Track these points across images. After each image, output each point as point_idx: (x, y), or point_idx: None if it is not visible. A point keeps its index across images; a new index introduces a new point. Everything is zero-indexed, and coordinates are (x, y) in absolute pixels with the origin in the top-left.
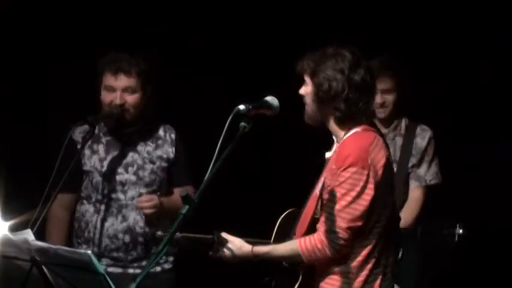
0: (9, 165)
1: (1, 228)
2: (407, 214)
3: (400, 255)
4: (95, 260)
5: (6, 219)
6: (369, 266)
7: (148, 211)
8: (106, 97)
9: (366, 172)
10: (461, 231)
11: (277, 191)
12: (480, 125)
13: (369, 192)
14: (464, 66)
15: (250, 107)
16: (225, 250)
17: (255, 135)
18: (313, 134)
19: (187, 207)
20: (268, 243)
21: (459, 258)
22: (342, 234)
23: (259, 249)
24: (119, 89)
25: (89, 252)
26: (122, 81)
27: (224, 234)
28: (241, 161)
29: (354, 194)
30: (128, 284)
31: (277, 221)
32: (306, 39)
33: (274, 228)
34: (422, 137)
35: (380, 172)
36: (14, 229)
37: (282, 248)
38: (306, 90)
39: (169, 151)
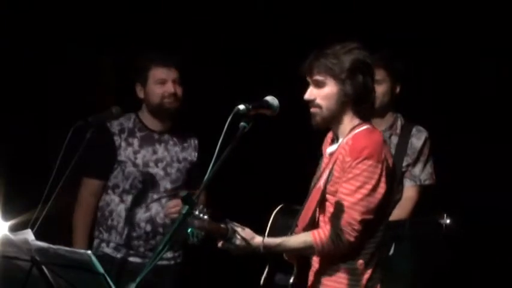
0: (10, 165)
1: (1, 228)
2: (400, 212)
3: (391, 251)
4: (94, 260)
5: (6, 219)
6: (374, 264)
7: (173, 216)
8: (158, 90)
9: (380, 166)
10: (448, 221)
11: (266, 188)
12: (478, 127)
13: (383, 186)
14: (464, 66)
15: (250, 107)
16: (238, 240)
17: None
18: (304, 133)
19: (187, 207)
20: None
21: (451, 250)
22: (357, 226)
23: (271, 240)
24: (170, 80)
25: (89, 252)
26: (173, 72)
27: (236, 224)
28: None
29: (369, 187)
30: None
31: (266, 217)
32: (306, 39)
33: (264, 224)
34: (418, 138)
35: (391, 167)
36: (14, 229)
37: (294, 240)
38: (323, 91)
39: (192, 155)
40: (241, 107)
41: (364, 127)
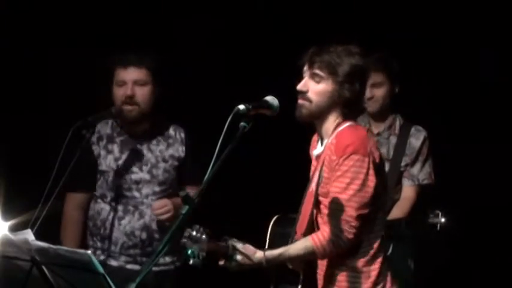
0: (10, 165)
1: (1, 228)
2: (398, 211)
3: (390, 250)
4: (94, 260)
5: (6, 219)
6: (381, 258)
7: (163, 217)
8: (118, 92)
9: (367, 160)
10: (443, 219)
11: (262, 196)
12: (477, 126)
13: (372, 179)
14: (464, 66)
15: (250, 107)
16: (239, 257)
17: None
18: (291, 136)
19: (187, 207)
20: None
21: (449, 250)
22: (354, 223)
23: (272, 253)
24: (130, 82)
25: (89, 252)
26: (132, 73)
27: (236, 241)
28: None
29: (358, 182)
30: (147, 280)
31: (264, 228)
32: (306, 39)
33: (261, 235)
34: (417, 138)
35: (378, 161)
36: (14, 229)
37: (295, 248)
38: (318, 87)
39: (179, 150)
40: (241, 107)
41: (347, 124)
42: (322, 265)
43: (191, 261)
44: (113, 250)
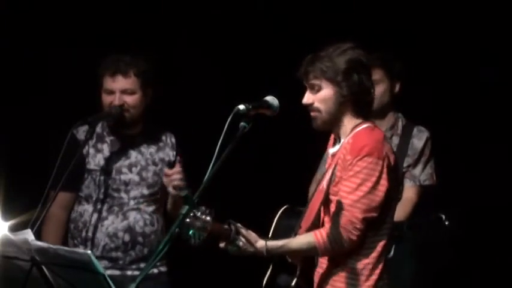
0: (10, 165)
1: (1, 228)
2: (399, 212)
3: (391, 252)
4: (94, 260)
5: (6, 219)
6: (383, 262)
7: (175, 182)
8: (106, 100)
9: (381, 163)
10: (447, 223)
11: (267, 190)
12: (477, 126)
13: (384, 183)
14: (465, 66)
15: (250, 107)
16: (241, 242)
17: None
18: (305, 134)
19: (187, 207)
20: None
21: (451, 251)
22: (359, 225)
23: (274, 243)
24: (117, 91)
25: (89, 252)
26: (120, 82)
27: (240, 226)
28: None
29: (369, 184)
30: (128, 286)
31: (269, 218)
32: (306, 39)
33: (266, 225)
34: (419, 138)
35: (393, 164)
36: (14, 229)
37: (297, 242)
38: (320, 95)
39: (170, 154)
40: (241, 107)
41: (365, 126)
42: (322, 263)
43: (192, 242)
44: (94, 254)
